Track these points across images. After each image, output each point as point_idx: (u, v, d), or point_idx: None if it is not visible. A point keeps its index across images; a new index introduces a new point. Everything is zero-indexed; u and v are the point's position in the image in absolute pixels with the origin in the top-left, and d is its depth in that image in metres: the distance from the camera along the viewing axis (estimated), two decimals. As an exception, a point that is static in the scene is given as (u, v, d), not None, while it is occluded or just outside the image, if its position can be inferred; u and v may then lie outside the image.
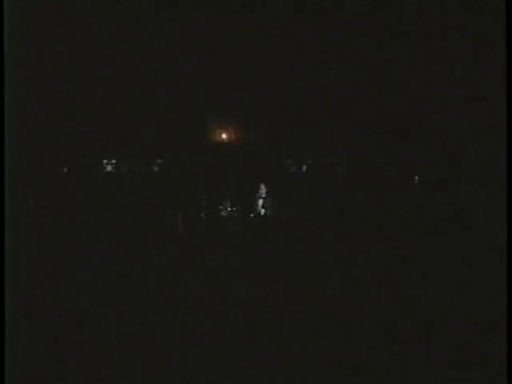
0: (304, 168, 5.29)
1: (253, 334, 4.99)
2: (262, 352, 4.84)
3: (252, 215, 5.35)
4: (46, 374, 4.13)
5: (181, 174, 5.28)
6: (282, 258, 5.35)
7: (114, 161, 5.31)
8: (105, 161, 5.32)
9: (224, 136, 5.33)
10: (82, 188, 5.28)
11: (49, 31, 5.00)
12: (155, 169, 5.29)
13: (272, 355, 4.83)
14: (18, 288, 4.61)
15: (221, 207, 5.34)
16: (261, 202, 5.37)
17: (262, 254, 5.35)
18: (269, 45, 5.27)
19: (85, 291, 4.90)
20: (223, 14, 5.20)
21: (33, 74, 5.04)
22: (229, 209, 5.36)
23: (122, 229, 5.28)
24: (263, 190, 5.32)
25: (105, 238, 5.25)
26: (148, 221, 5.29)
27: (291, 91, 5.35)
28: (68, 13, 4.96)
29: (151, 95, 5.33)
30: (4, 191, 4.68)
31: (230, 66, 5.36)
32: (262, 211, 5.39)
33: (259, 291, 5.29)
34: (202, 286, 5.28)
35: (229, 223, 5.36)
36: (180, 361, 4.65)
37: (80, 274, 4.99)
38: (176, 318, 4.99)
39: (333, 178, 5.31)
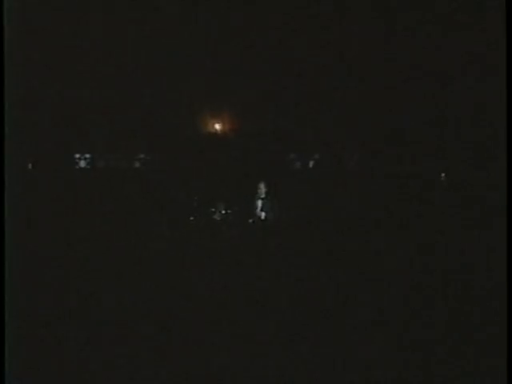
0: (310, 164, 4.96)
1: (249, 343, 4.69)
2: (257, 361, 4.56)
3: (251, 221, 5.03)
4: (46, 374, 4.26)
5: (167, 170, 4.90)
6: (285, 268, 4.89)
7: (88, 155, 4.94)
8: (77, 155, 4.95)
9: (217, 127, 4.97)
10: (49, 186, 4.91)
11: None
12: (137, 165, 4.96)
13: (270, 365, 4.55)
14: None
15: (213, 209, 5.00)
16: (260, 203, 5.05)
17: (262, 265, 4.90)
18: (273, 27, 4.87)
19: (55, 290, 4.68)
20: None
21: (5, 70, 4.58)
22: (223, 211, 5.02)
23: (99, 233, 4.86)
24: (262, 189, 5.04)
25: (79, 244, 4.84)
26: (129, 225, 4.90)
27: (295, 74, 4.89)
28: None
29: (133, 81, 4.87)
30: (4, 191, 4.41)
31: (222, 47, 4.91)
32: (262, 215, 5.05)
33: (259, 307, 4.84)
34: (188, 301, 4.83)
35: (222, 228, 5.02)
36: (174, 362, 4.49)
37: (45, 274, 4.72)
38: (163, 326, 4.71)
39: (344, 175, 4.93)
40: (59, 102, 4.75)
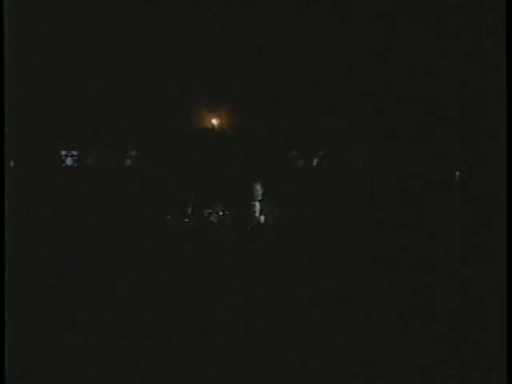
0: (314, 161, 4.70)
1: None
2: (253, 369, 4.47)
3: (249, 228, 4.73)
4: (46, 374, 4.32)
5: (159, 169, 4.65)
6: (287, 277, 4.62)
7: (75, 152, 4.67)
8: (63, 152, 4.67)
9: (214, 122, 4.70)
10: (32, 186, 4.59)
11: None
12: (127, 163, 4.70)
13: (267, 372, 4.48)
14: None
15: (210, 211, 4.73)
16: (259, 205, 4.75)
17: (262, 273, 4.63)
18: (274, 18, 4.64)
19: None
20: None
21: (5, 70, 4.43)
22: (220, 213, 4.72)
23: (86, 236, 4.61)
24: (262, 189, 4.75)
25: (63, 248, 4.58)
26: (119, 226, 4.63)
27: (296, 64, 4.64)
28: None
29: (124, 74, 4.62)
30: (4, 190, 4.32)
31: (219, 37, 4.64)
32: (262, 218, 4.74)
33: (258, 311, 4.60)
34: (183, 309, 4.58)
35: (220, 231, 4.73)
36: (170, 365, 4.47)
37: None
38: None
39: (351, 174, 4.67)
40: (43, 96, 4.52)
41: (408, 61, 4.57)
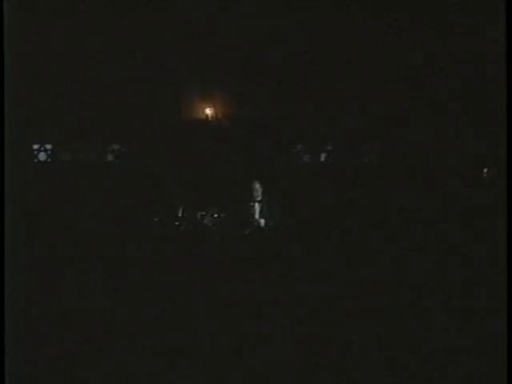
0: (322, 157, 4.50)
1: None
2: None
3: (247, 232, 4.49)
4: (46, 374, 4.36)
5: (145, 165, 4.44)
6: (288, 285, 4.43)
7: (48, 146, 4.43)
8: (35, 146, 4.42)
9: (208, 112, 4.47)
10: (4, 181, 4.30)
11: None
12: (109, 158, 4.47)
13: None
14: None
15: (203, 213, 4.51)
16: (258, 206, 4.50)
17: (261, 282, 4.42)
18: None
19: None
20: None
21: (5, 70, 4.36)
22: (215, 215, 4.51)
23: (62, 241, 4.38)
24: (262, 189, 4.49)
25: (37, 254, 4.38)
26: (100, 231, 4.39)
27: (303, 52, 4.46)
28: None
29: (106, 58, 4.37)
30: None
31: (215, 18, 4.40)
32: (262, 221, 4.49)
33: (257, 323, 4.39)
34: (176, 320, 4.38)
35: (214, 235, 4.50)
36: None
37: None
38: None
39: (363, 171, 4.49)
40: (15, 84, 4.27)
41: (414, 57, 4.51)
